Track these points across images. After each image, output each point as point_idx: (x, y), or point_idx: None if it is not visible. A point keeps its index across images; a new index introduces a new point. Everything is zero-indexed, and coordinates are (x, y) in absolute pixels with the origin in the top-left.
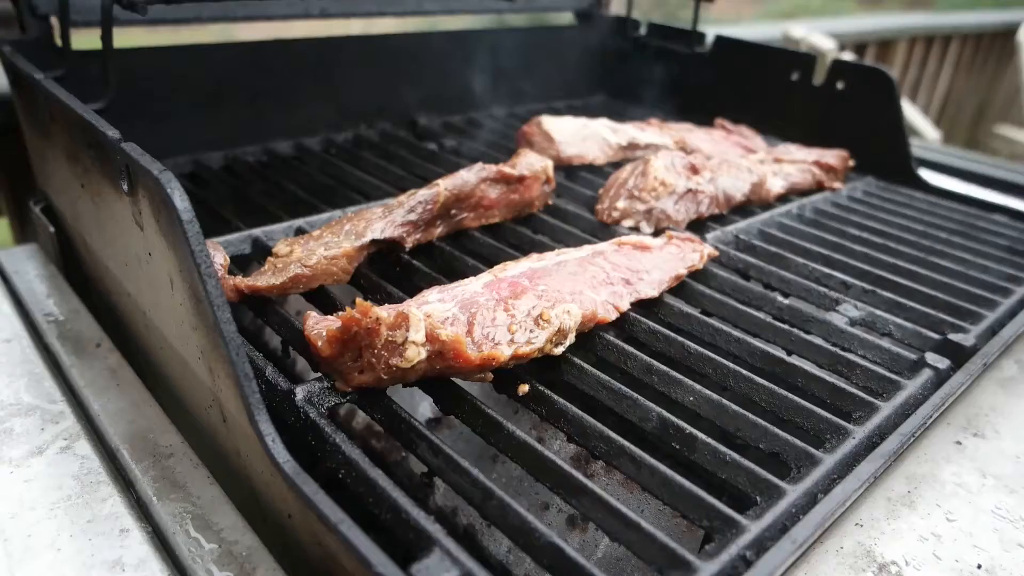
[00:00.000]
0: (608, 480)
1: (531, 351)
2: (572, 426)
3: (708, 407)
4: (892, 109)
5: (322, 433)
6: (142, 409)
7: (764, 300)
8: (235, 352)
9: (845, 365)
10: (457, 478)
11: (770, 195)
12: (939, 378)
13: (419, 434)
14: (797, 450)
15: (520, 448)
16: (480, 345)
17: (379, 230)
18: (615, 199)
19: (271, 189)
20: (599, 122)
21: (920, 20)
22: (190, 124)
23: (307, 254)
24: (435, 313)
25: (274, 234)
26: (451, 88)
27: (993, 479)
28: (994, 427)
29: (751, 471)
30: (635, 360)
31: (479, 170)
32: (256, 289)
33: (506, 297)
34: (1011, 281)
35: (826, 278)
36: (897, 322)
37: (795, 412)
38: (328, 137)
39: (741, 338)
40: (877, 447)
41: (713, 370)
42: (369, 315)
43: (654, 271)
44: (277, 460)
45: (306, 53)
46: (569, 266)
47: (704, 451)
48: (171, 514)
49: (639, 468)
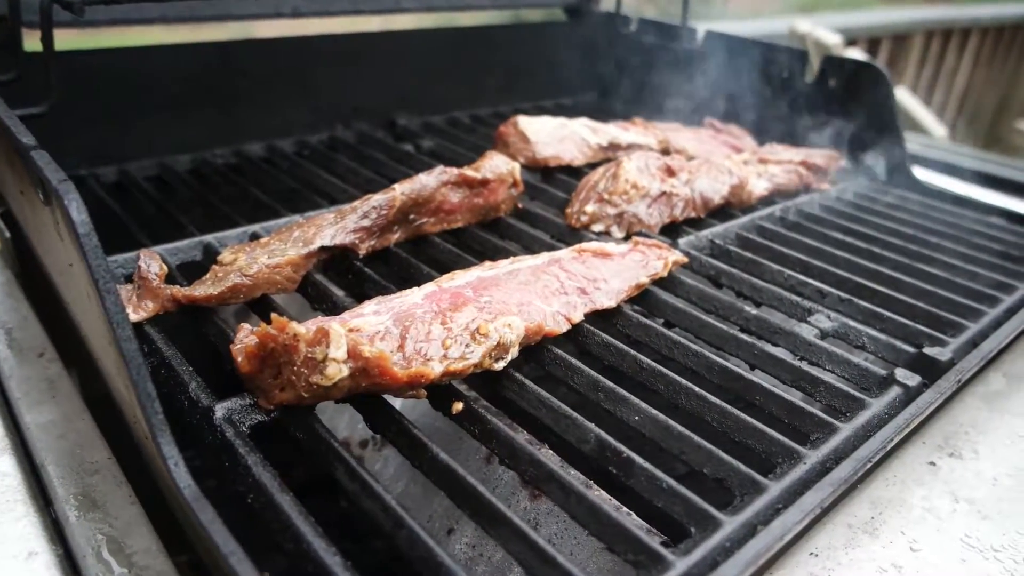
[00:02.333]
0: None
1: (465, 367)
2: (502, 448)
3: (653, 427)
4: (885, 106)
5: (235, 454)
6: (73, 423)
7: (731, 310)
8: (135, 371)
9: (809, 381)
10: (370, 504)
11: (752, 197)
12: (908, 396)
13: (337, 456)
14: (742, 476)
15: (442, 472)
16: (410, 361)
17: (329, 237)
18: (584, 203)
19: (234, 193)
20: (578, 122)
21: (937, 13)
22: (157, 126)
23: (249, 263)
24: (365, 327)
25: (227, 240)
26: (432, 87)
27: (966, 504)
28: (973, 446)
29: (687, 500)
30: (582, 375)
31: (439, 173)
32: (193, 299)
33: (445, 309)
34: (1000, 289)
35: (801, 286)
36: (871, 334)
37: (747, 433)
38: (302, 139)
39: (700, 352)
40: (829, 473)
41: (665, 386)
42: (286, 331)
43: (613, 280)
44: (178, 484)
45: (279, 52)
46: (521, 275)
47: (641, 476)
48: (85, 536)
49: (567, 495)
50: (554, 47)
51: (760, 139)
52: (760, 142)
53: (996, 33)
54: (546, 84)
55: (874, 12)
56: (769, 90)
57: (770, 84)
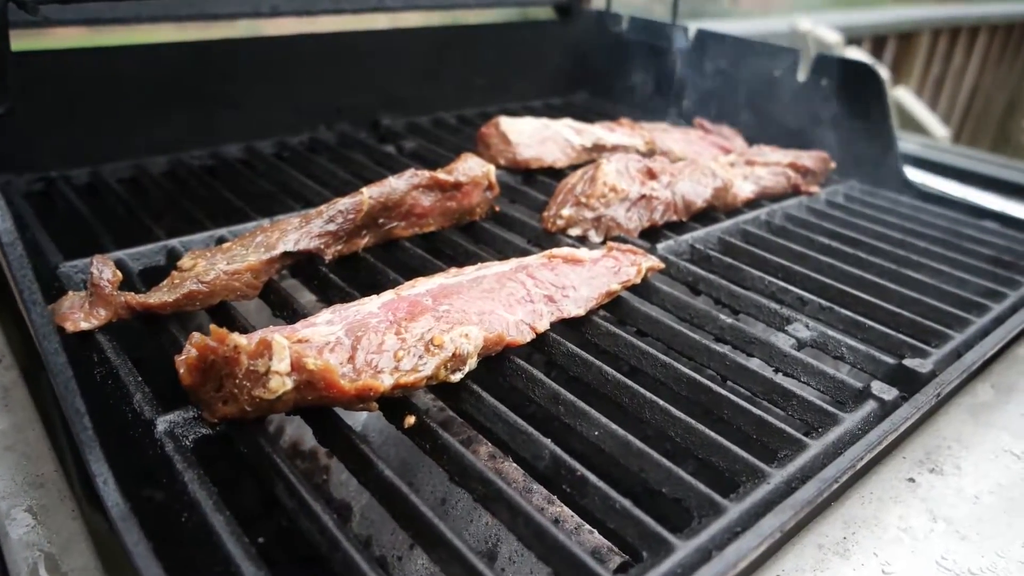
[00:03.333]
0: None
1: (417, 380)
2: (452, 464)
3: (613, 443)
4: (879, 106)
5: (172, 470)
6: (24, 433)
7: (706, 319)
8: (63, 385)
9: (781, 395)
10: (308, 524)
11: (737, 200)
12: (884, 411)
13: (278, 471)
14: (701, 497)
15: (386, 490)
16: (360, 373)
17: (292, 242)
18: (561, 206)
19: (208, 195)
20: (561, 123)
21: (945, 11)
22: (133, 127)
23: (206, 269)
24: (315, 337)
25: (193, 244)
26: (418, 87)
27: (944, 523)
28: (955, 462)
29: (640, 522)
30: (543, 388)
31: (410, 176)
32: (147, 306)
33: (401, 319)
34: (989, 297)
35: (782, 293)
36: (851, 344)
37: (711, 450)
38: (282, 140)
39: (668, 363)
40: (793, 494)
41: (630, 399)
42: (226, 342)
43: (582, 287)
44: (106, 503)
45: (259, 52)
46: (486, 282)
47: (594, 496)
48: (22, 553)
49: (515, 517)
50: (543, 46)
51: (751, 140)
52: (751, 143)
53: (1005, 31)
54: (535, 84)
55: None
56: (761, 90)
57: (762, 83)
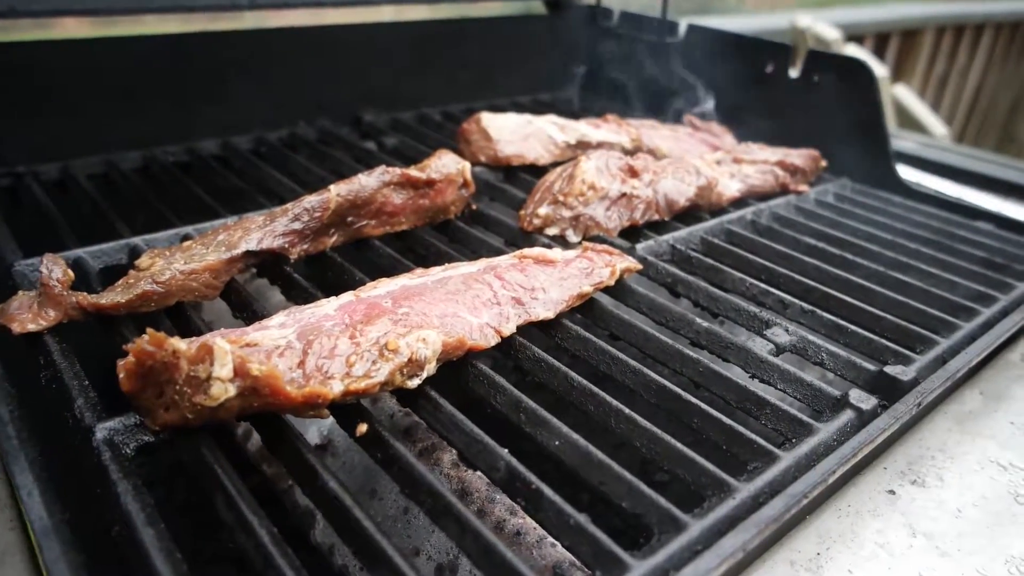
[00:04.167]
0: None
1: (369, 386)
2: (403, 476)
3: (573, 454)
4: (872, 103)
5: (107, 480)
6: None
7: (682, 322)
8: None
9: (755, 403)
10: (244, 539)
11: (722, 199)
12: (861, 421)
13: (218, 483)
14: (661, 512)
15: (330, 504)
16: (309, 379)
17: (255, 241)
18: (538, 204)
19: (179, 192)
20: (545, 119)
21: (949, 8)
22: (105, 121)
23: (162, 268)
24: (264, 341)
25: (156, 242)
26: (403, 82)
27: (924, 538)
28: (938, 473)
29: (595, 539)
30: (504, 395)
31: (380, 173)
32: (99, 307)
33: (357, 322)
34: (979, 300)
35: (763, 295)
36: (831, 350)
37: (676, 462)
38: (260, 135)
39: (639, 368)
40: (759, 510)
41: (595, 407)
42: (164, 347)
43: (552, 289)
44: (29, 516)
45: (237, 45)
46: (451, 283)
47: (549, 511)
48: None
49: (463, 532)
50: (532, 41)
51: (742, 137)
52: (741, 140)
53: (1011, 29)
54: (524, 79)
55: (884, 7)
56: (752, 86)
57: (753, 80)
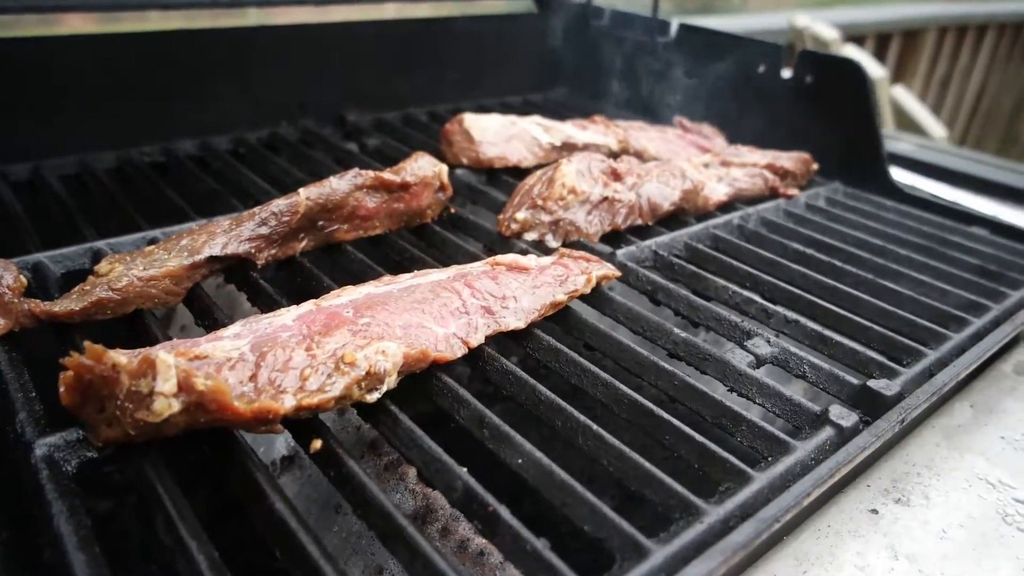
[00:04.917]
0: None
1: (324, 401)
2: (355, 496)
3: (536, 473)
4: (865, 105)
5: (43, 500)
6: None
7: (659, 332)
8: None
9: (731, 419)
10: (183, 564)
11: (709, 203)
12: (841, 438)
13: (159, 503)
14: (624, 537)
15: (275, 526)
16: (260, 393)
17: (220, 246)
18: (517, 209)
19: (151, 194)
20: (529, 120)
21: (951, 9)
22: (79, 121)
23: (120, 275)
24: (215, 353)
25: (121, 246)
26: (388, 82)
27: (906, 560)
28: (924, 491)
29: (551, 567)
30: (468, 409)
31: (353, 176)
32: (52, 315)
33: (315, 333)
34: (970, 310)
35: (746, 304)
36: (814, 362)
37: (644, 482)
38: (240, 136)
39: (611, 382)
40: (727, 535)
41: (562, 423)
42: (103, 361)
43: (524, 298)
44: None
45: (217, 44)
46: (419, 292)
47: (505, 535)
48: None
49: (413, 558)
50: (522, 40)
51: (733, 139)
52: (732, 142)
53: (1014, 30)
54: (513, 79)
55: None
56: (743, 87)
57: (744, 80)
